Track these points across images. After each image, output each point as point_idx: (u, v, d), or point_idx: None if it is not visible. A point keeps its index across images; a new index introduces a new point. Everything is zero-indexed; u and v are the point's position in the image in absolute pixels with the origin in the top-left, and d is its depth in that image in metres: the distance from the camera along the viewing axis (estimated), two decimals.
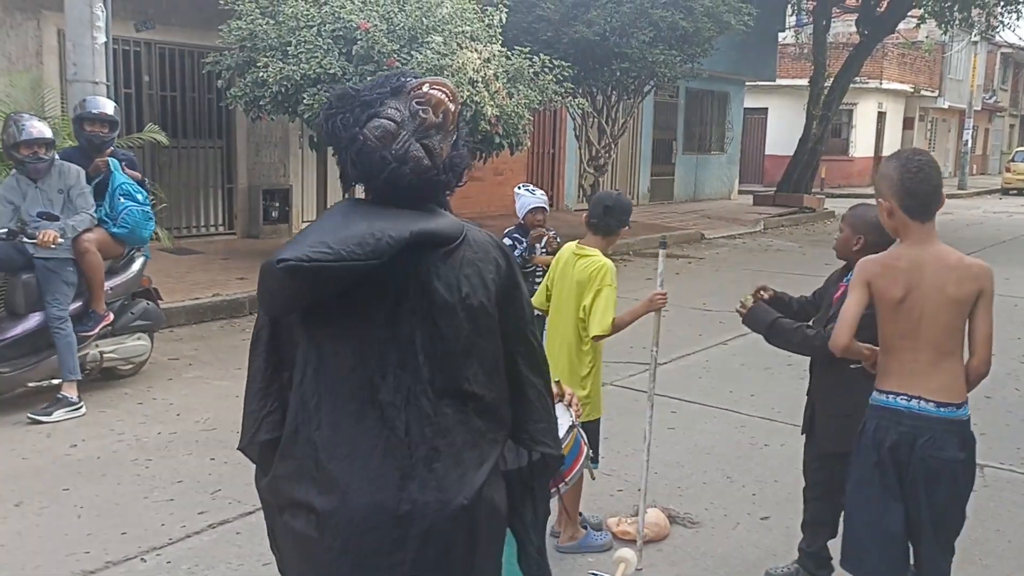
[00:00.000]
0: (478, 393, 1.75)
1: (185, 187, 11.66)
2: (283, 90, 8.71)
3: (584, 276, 3.70)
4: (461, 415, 1.73)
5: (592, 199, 3.92)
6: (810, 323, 3.52)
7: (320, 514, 1.68)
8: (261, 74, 8.78)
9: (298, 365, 1.74)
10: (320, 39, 8.78)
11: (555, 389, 2.85)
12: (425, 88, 1.74)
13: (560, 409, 2.85)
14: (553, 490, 2.80)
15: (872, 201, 3.00)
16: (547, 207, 5.85)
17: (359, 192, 1.85)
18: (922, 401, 2.72)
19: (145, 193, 6.14)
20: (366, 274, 1.61)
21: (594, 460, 3.70)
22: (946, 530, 2.79)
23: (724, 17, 13.58)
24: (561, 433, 2.71)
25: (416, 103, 1.72)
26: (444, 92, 1.75)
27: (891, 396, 2.76)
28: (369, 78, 8.37)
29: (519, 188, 5.97)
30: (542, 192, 5.96)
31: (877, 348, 2.83)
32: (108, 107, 6.18)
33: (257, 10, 9.20)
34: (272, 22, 9.06)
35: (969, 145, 33.28)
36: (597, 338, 3.68)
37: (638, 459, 4.46)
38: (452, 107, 1.76)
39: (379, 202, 1.74)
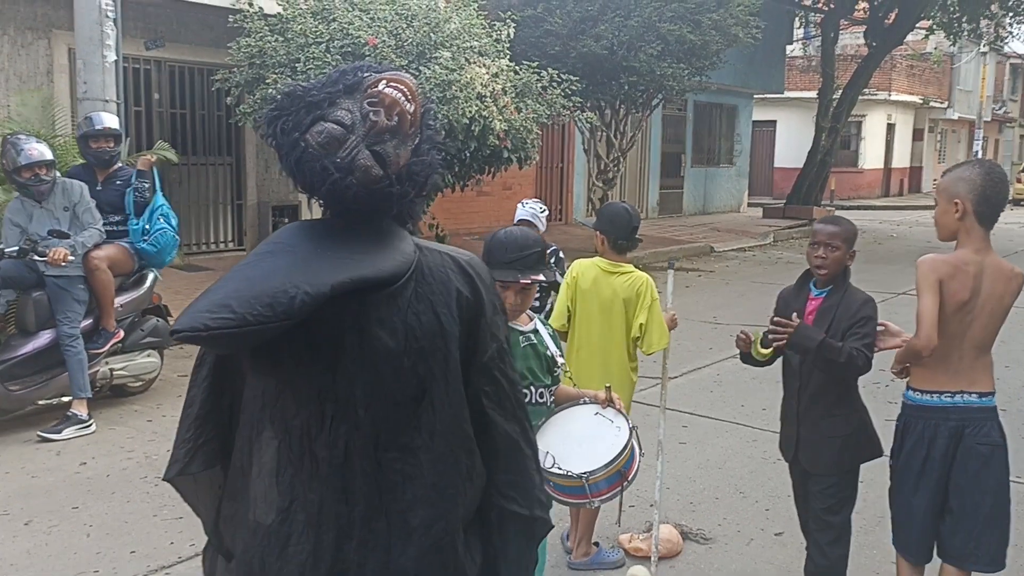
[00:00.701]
0: (433, 444, 1.55)
1: (195, 204, 11.70)
2: None
3: (631, 293, 3.69)
4: (412, 469, 1.54)
5: (609, 218, 3.77)
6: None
7: (251, 569, 1.55)
8: (270, 91, 8.79)
9: (245, 403, 1.59)
10: (329, 55, 8.80)
11: (603, 395, 2.94)
12: (380, 86, 1.51)
13: (620, 421, 2.93)
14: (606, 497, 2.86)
15: (839, 214, 3.03)
16: (540, 221, 5.18)
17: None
18: (965, 395, 2.94)
19: (177, 219, 6.33)
20: (297, 324, 1.41)
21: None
22: (979, 512, 2.98)
23: (732, 30, 13.59)
24: (620, 445, 2.83)
25: (368, 104, 1.50)
26: (400, 90, 1.52)
27: (935, 395, 2.97)
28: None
29: (521, 203, 5.57)
30: (542, 206, 5.41)
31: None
32: (112, 121, 6.20)
33: (266, 27, 9.24)
34: (281, 39, 9.09)
35: (979, 156, 33.17)
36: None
37: (650, 474, 4.42)
38: (410, 107, 1.53)
39: (334, 220, 1.55)
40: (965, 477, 2.95)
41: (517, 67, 9.94)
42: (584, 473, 2.71)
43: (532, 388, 2.86)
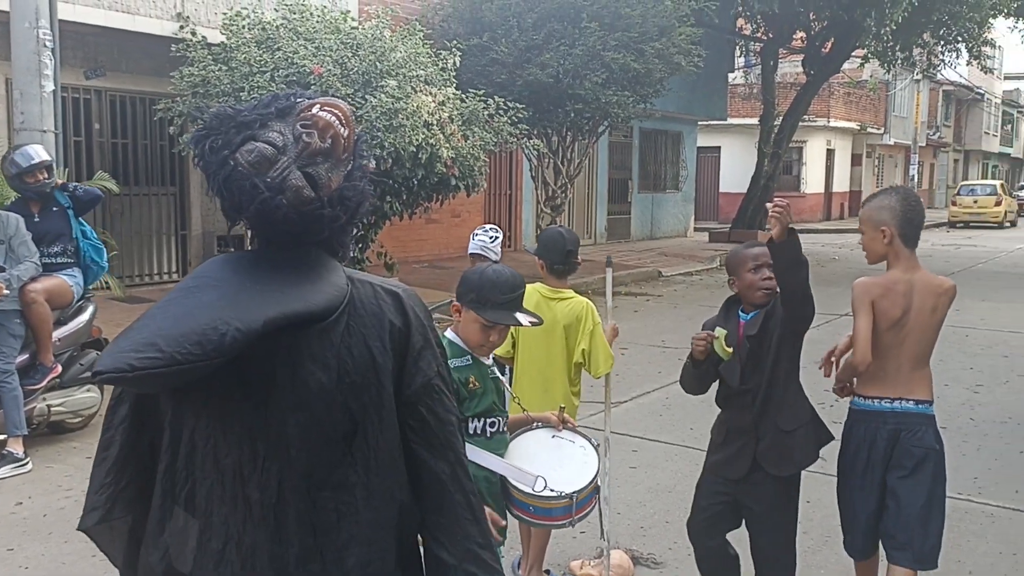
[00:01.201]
0: (369, 480, 1.51)
1: (137, 235, 11.50)
2: None
3: (572, 319, 3.70)
4: (346, 507, 1.50)
5: (544, 243, 3.79)
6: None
7: None
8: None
9: (166, 445, 1.51)
10: (273, 85, 8.75)
11: (555, 417, 3.04)
12: (314, 109, 1.49)
13: (580, 440, 3.01)
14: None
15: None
16: (492, 252, 4.85)
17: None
18: (903, 401, 3.18)
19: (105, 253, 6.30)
20: (227, 361, 1.36)
21: None
22: (913, 511, 3.18)
23: (675, 59, 13.84)
24: (594, 462, 2.94)
25: (301, 126, 1.47)
26: (335, 114, 1.49)
27: (876, 400, 3.21)
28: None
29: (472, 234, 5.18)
30: (494, 234, 4.98)
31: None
32: (42, 153, 5.98)
33: (209, 56, 9.17)
34: (224, 68, 9.02)
35: (915, 180, 34.17)
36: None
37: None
38: (344, 131, 1.49)
39: (260, 252, 1.51)
40: (900, 476, 3.16)
41: (463, 95, 9.99)
42: (574, 492, 2.81)
43: (499, 419, 2.90)
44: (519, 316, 2.72)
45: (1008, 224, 31.78)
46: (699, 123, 24.70)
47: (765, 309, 3.30)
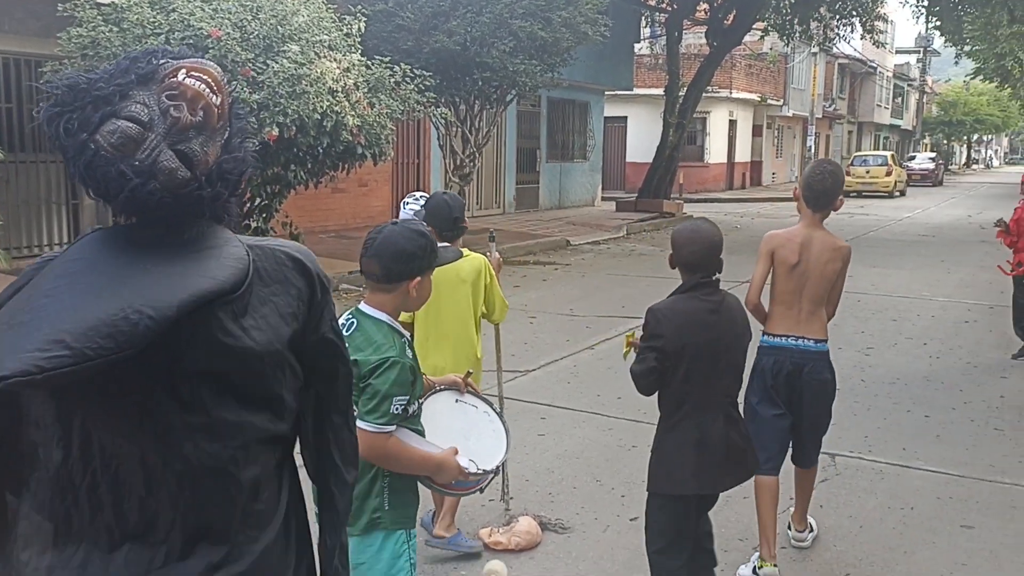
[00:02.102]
0: (266, 459, 1.47)
1: (25, 204, 10.94)
2: None
3: (474, 274, 3.91)
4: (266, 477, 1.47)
5: (431, 211, 3.86)
6: None
7: None
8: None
9: (50, 441, 1.37)
10: (169, 48, 8.41)
11: (457, 379, 3.00)
12: (180, 76, 1.34)
13: (482, 406, 3.00)
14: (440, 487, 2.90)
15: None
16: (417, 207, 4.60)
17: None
18: (804, 340, 3.77)
19: None
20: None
21: None
22: (820, 430, 3.94)
23: (581, 28, 13.87)
24: (503, 431, 2.94)
25: (167, 97, 1.32)
26: (204, 80, 1.35)
27: (782, 338, 3.80)
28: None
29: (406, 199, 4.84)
30: (421, 200, 4.56)
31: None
32: None
33: (99, 17, 8.73)
34: (116, 29, 8.61)
35: (812, 151, 35.23)
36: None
37: (509, 468, 4.46)
38: (217, 99, 1.36)
39: (136, 230, 1.37)
40: (807, 404, 3.80)
41: (369, 62, 9.80)
42: (497, 466, 2.86)
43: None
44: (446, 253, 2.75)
45: (898, 194, 33.14)
46: (606, 93, 24.88)
47: None
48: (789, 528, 4.14)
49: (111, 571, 1.36)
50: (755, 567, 3.74)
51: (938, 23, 28.84)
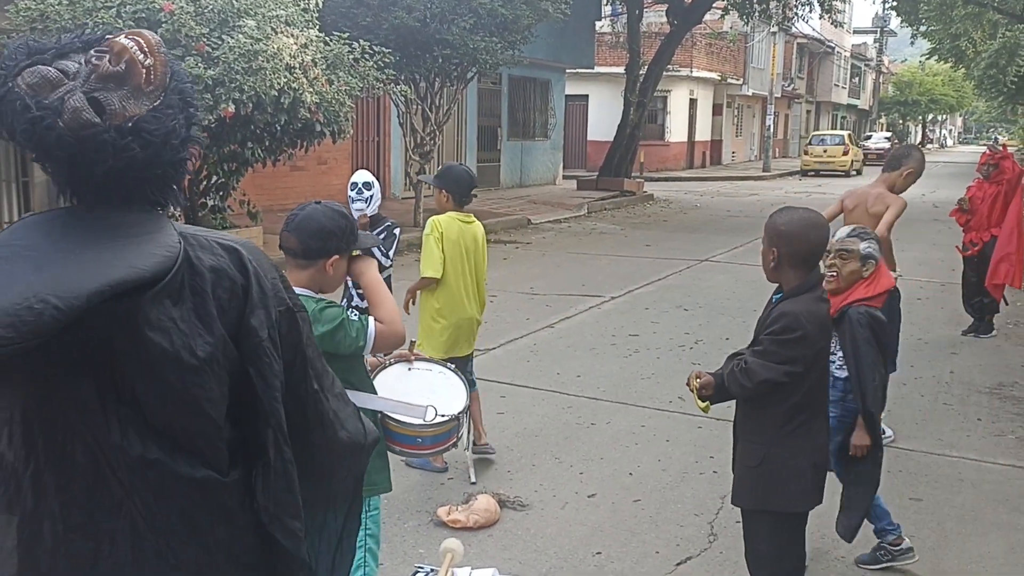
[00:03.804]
0: (207, 454, 1.42)
1: None
2: None
3: (482, 237, 4.72)
4: (195, 474, 1.42)
5: (455, 179, 4.55)
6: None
7: None
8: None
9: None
10: (120, 21, 8.22)
11: (407, 352, 3.10)
12: (117, 37, 1.36)
13: (435, 367, 3.12)
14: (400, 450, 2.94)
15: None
16: (365, 206, 4.88)
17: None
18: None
19: None
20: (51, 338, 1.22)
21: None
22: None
23: (542, 5, 13.81)
24: (460, 383, 3.06)
25: (95, 51, 1.33)
26: (136, 41, 1.36)
27: None
28: (178, 63, 7.96)
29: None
30: (363, 184, 4.93)
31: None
32: None
33: None
34: (65, 2, 8.40)
35: (771, 130, 35.55)
36: None
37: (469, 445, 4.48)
38: (145, 60, 1.34)
39: (74, 212, 1.36)
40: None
41: (327, 38, 9.68)
42: (461, 412, 2.98)
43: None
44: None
45: (854, 172, 33.56)
46: (567, 71, 24.84)
47: (777, 304, 2.89)
48: None
49: (57, 563, 1.35)
50: None
51: (895, 3, 29.18)
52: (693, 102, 34.50)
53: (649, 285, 10.13)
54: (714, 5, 23.82)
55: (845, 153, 33.23)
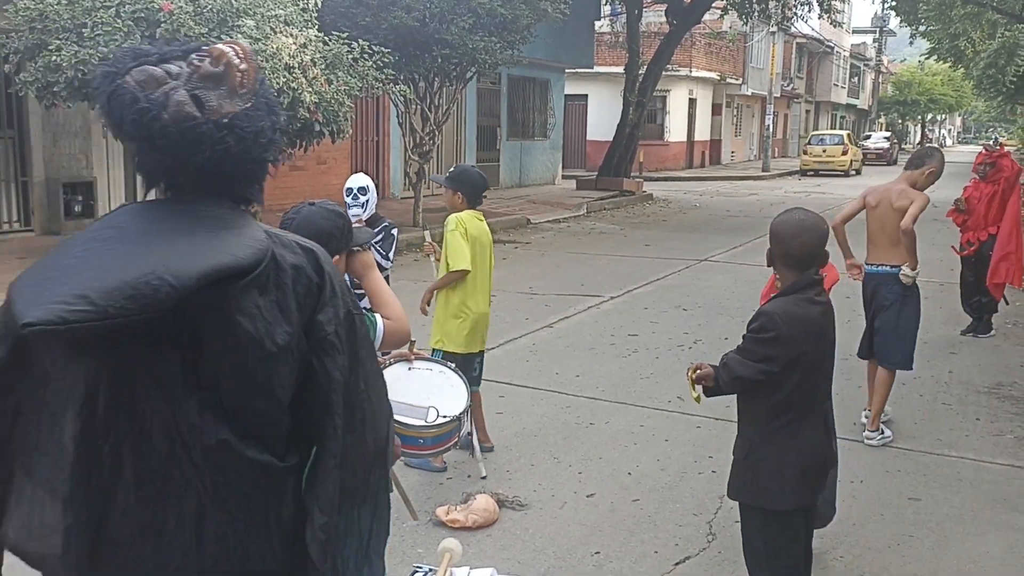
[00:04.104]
0: (270, 440, 1.52)
1: None
2: (80, 75, 8.11)
3: (490, 237, 4.91)
4: (259, 459, 1.51)
5: (469, 181, 4.69)
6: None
7: (125, 562, 1.45)
8: (54, 58, 8.13)
9: (73, 405, 1.41)
10: (119, 21, 8.23)
11: (407, 351, 3.13)
12: (217, 44, 1.52)
13: (435, 367, 3.14)
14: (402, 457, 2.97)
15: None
16: (360, 207, 4.85)
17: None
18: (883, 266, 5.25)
19: None
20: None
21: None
22: (907, 330, 5.28)
23: (541, 5, 13.81)
24: (461, 383, 3.07)
25: (195, 55, 1.48)
26: (232, 48, 1.50)
27: (869, 265, 5.30)
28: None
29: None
30: (358, 190, 4.89)
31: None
32: None
33: None
34: (64, 2, 8.40)
35: (771, 129, 35.53)
36: None
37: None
38: (240, 65, 1.49)
39: (174, 201, 1.48)
40: (881, 313, 5.24)
41: (326, 38, 9.68)
42: (462, 412, 3.03)
43: None
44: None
45: (854, 172, 33.57)
46: (566, 71, 24.83)
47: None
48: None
49: (124, 532, 1.44)
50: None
51: (894, 3, 29.14)
52: (692, 102, 34.49)
53: (648, 285, 10.13)
54: (713, 5, 23.82)
55: (844, 153, 33.24)
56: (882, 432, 5.19)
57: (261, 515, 1.51)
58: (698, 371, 2.90)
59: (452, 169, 4.88)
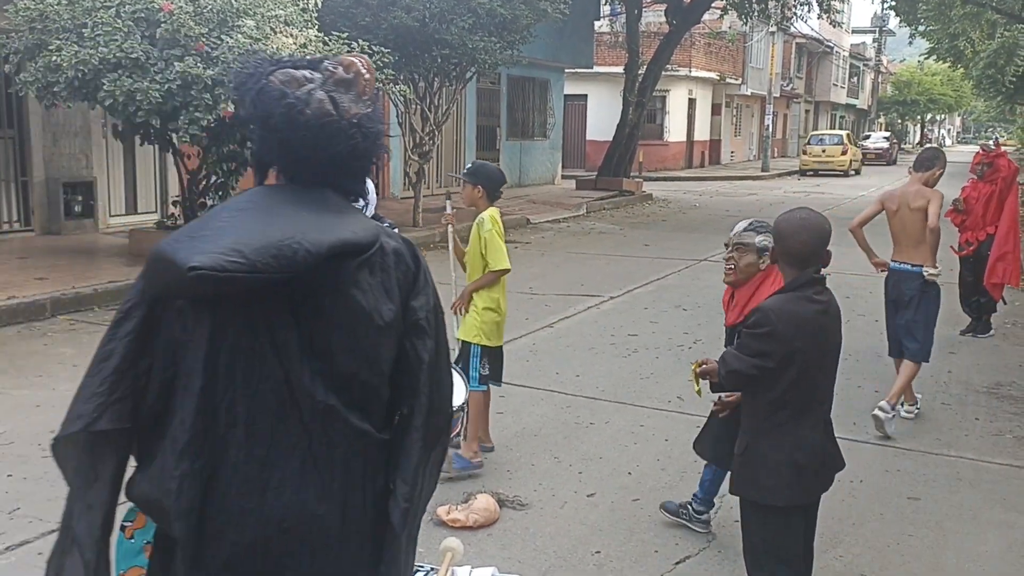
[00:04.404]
0: (372, 411, 1.68)
1: None
2: (80, 75, 8.13)
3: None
4: (361, 426, 1.66)
5: (489, 176, 4.69)
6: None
7: (230, 514, 1.58)
8: (54, 58, 8.14)
9: (198, 364, 1.56)
10: (120, 21, 8.24)
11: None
12: (347, 55, 1.79)
13: (459, 384, 3.16)
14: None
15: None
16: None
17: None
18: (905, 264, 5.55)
19: None
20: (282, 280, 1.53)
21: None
22: (926, 324, 5.60)
23: (540, 5, 13.82)
24: (462, 389, 3.10)
25: (328, 63, 1.71)
26: (360, 59, 1.78)
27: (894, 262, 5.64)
28: (177, 64, 8.02)
29: None
30: (368, 188, 5.24)
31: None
32: None
33: None
34: (64, 2, 8.42)
35: (770, 129, 35.54)
36: None
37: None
38: (365, 75, 1.78)
39: (296, 187, 1.67)
40: (904, 308, 5.56)
41: (326, 38, 9.69)
42: (461, 404, 3.02)
43: None
44: None
45: (853, 172, 33.59)
46: (566, 71, 24.84)
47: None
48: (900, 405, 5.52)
49: (232, 486, 1.58)
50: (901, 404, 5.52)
51: (893, 3, 29.15)
52: (692, 102, 34.50)
53: (648, 285, 10.14)
54: (713, 5, 23.83)
55: (844, 153, 33.26)
56: (896, 412, 5.38)
57: (358, 480, 1.66)
58: (703, 365, 2.96)
59: (470, 165, 4.95)
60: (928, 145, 7.51)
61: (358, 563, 1.70)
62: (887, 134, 49.00)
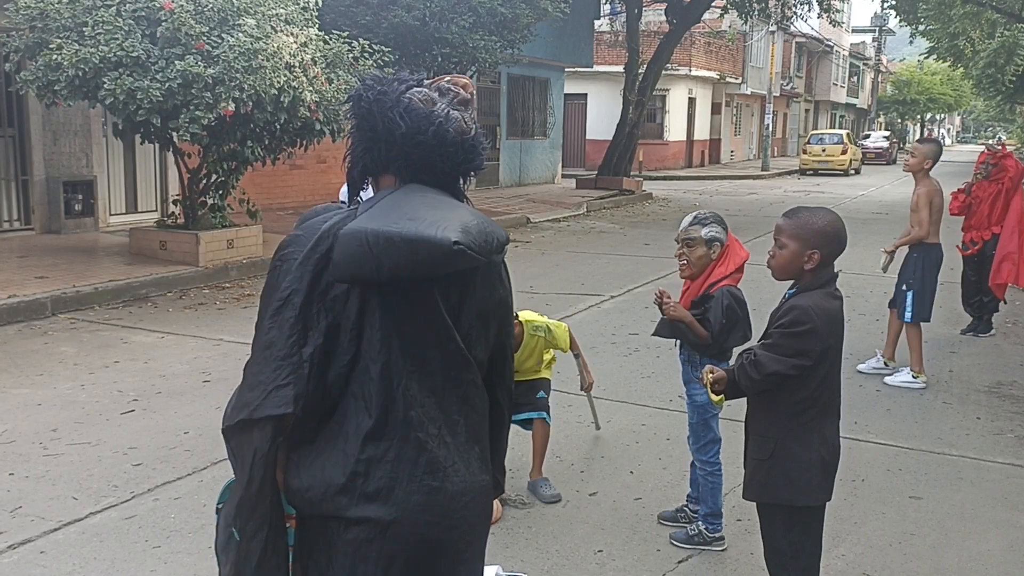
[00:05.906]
0: (494, 388, 1.98)
1: None
2: (80, 74, 8.12)
3: None
4: (488, 402, 1.94)
5: None
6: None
7: (430, 491, 1.75)
8: (55, 56, 8.14)
9: (373, 350, 1.72)
10: (120, 20, 8.23)
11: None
12: (460, 78, 1.92)
13: None
14: None
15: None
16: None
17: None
18: None
19: None
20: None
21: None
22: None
23: (541, 4, 13.83)
24: None
25: (448, 83, 1.87)
26: (468, 82, 1.91)
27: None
28: (178, 62, 8.02)
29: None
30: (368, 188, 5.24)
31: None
32: None
33: None
34: (65, 1, 8.41)
35: (770, 129, 35.55)
36: None
37: None
38: (473, 96, 1.90)
39: (432, 188, 1.82)
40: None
41: (327, 37, 9.69)
42: None
43: None
44: None
45: (853, 172, 33.61)
46: (566, 70, 24.84)
47: (789, 299, 2.88)
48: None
49: (419, 466, 1.75)
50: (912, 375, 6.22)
51: (893, 3, 29.18)
52: (692, 101, 34.51)
53: (648, 284, 10.14)
54: (713, 4, 23.81)
55: (844, 152, 33.28)
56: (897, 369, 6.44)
57: (484, 448, 1.91)
58: (712, 375, 2.90)
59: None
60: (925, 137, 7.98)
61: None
62: (887, 133, 49.02)
